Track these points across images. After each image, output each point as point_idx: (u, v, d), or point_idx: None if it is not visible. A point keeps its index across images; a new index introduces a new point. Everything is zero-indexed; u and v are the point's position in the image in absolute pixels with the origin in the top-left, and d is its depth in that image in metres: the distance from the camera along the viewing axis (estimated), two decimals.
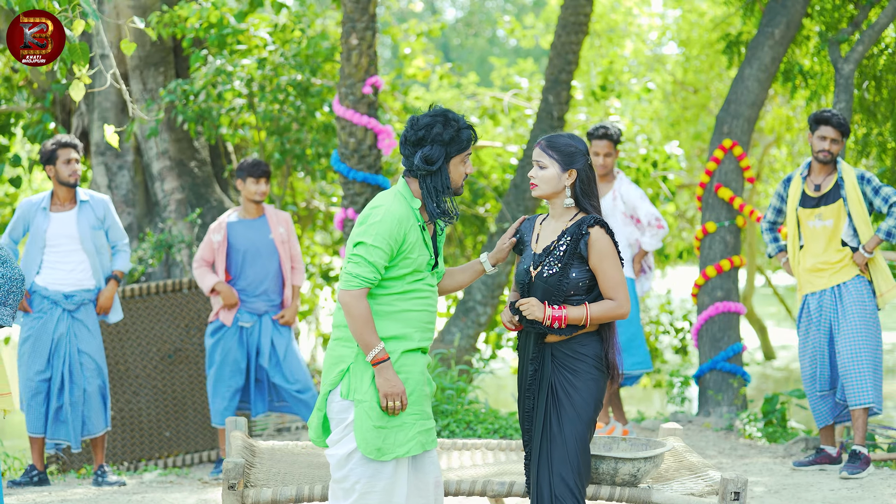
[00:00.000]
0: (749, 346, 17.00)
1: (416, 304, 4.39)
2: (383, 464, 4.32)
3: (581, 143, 4.51)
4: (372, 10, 9.00)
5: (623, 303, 4.41)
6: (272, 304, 7.82)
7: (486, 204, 12.54)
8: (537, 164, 4.51)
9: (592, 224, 4.42)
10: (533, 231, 4.61)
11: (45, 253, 7.32)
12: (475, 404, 8.63)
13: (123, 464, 8.56)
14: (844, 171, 7.13)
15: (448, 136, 4.36)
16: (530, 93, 13.20)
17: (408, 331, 4.38)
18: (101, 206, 7.46)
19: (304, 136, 10.20)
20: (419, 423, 4.36)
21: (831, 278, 7.13)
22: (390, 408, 4.30)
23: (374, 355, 4.30)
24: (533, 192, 4.53)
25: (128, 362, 8.64)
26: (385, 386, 4.29)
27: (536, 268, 4.48)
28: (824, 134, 7.12)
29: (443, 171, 4.38)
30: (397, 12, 20.81)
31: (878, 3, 9.30)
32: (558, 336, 4.45)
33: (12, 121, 11.46)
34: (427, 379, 4.46)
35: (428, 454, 4.44)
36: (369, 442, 4.30)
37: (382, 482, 4.32)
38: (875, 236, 7.03)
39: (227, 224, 7.78)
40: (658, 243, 8.07)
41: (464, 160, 4.43)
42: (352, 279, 4.31)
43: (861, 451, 6.93)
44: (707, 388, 9.37)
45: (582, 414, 4.41)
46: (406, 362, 4.37)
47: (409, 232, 4.35)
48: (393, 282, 4.37)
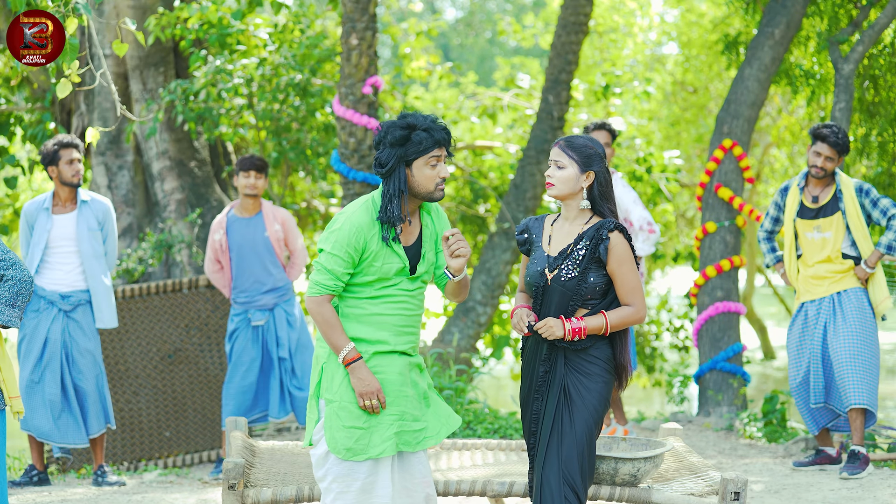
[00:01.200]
0: (749, 346, 17.00)
1: (388, 307, 4.35)
2: (358, 464, 4.30)
3: (599, 146, 4.51)
4: (372, 10, 9.00)
5: (640, 308, 4.42)
6: (280, 295, 7.85)
7: (486, 204, 12.54)
8: (555, 164, 4.49)
9: (612, 229, 4.41)
10: (543, 232, 4.58)
11: (45, 253, 7.31)
12: (475, 404, 8.64)
13: (123, 464, 8.56)
14: (843, 182, 7.10)
15: (393, 138, 4.27)
16: (531, 92, 13.20)
17: (381, 334, 4.34)
18: (101, 209, 7.43)
19: (304, 136, 10.20)
20: (397, 424, 4.33)
21: (831, 287, 7.12)
22: (367, 406, 4.29)
23: (343, 356, 4.29)
24: (549, 192, 4.51)
25: (128, 362, 8.64)
26: (359, 385, 4.28)
27: (553, 271, 4.47)
28: (819, 150, 7.09)
29: (398, 174, 4.29)
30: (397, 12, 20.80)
31: (878, 3, 9.30)
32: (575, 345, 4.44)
33: (12, 121, 11.45)
34: (410, 380, 4.41)
35: (415, 455, 4.42)
36: (339, 442, 4.30)
37: (358, 482, 4.30)
38: (876, 251, 7.01)
39: (225, 222, 7.81)
40: (650, 248, 8.03)
41: (430, 163, 4.31)
42: (313, 286, 4.34)
43: (860, 451, 6.92)
44: (707, 388, 9.37)
45: (593, 412, 4.42)
46: (380, 363, 4.34)
47: (369, 241, 4.29)
48: (361, 287, 4.35)
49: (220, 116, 9.83)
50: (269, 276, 7.81)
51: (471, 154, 12.95)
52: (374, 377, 4.29)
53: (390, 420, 4.33)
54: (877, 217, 7.07)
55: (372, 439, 4.30)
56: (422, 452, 4.46)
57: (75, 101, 10.64)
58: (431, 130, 4.31)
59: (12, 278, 4.92)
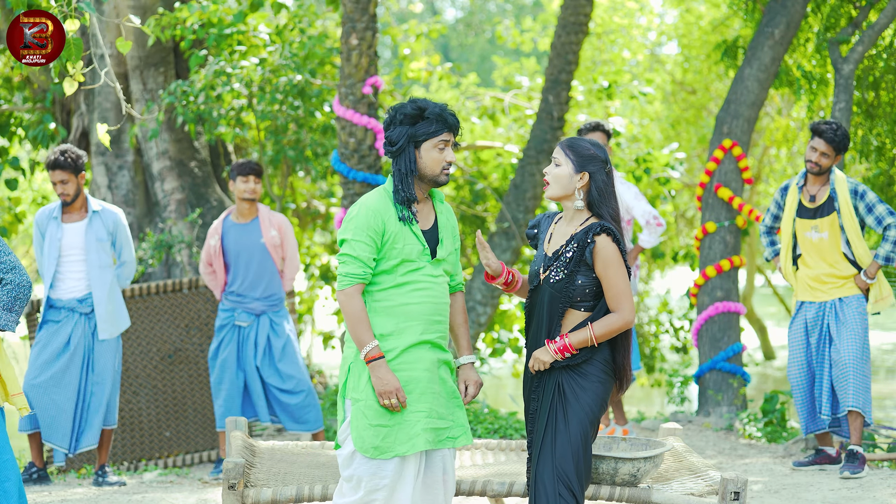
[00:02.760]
0: (749, 346, 17.01)
1: (415, 296, 4.37)
2: (385, 461, 4.31)
3: (602, 151, 4.50)
4: (372, 11, 9.00)
5: (626, 313, 4.39)
6: (270, 304, 7.82)
7: (486, 204, 12.54)
8: (554, 162, 4.51)
9: (599, 232, 4.40)
10: (548, 230, 4.60)
11: (59, 264, 7.31)
12: (475, 404, 8.64)
13: (123, 464, 8.56)
14: (837, 182, 7.09)
15: (404, 117, 4.35)
16: (531, 92, 13.20)
17: (409, 324, 4.35)
18: (111, 220, 7.40)
19: (304, 137, 10.20)
20: (425, 421, 4.33)
21: (832, 292, 7.13)
22: (388, 405, 4.29)
23: (366, 353, 4.31)
24: (546, 193, 4.52)
25: (128, 362, 8.63)
26: (378, 384, 4.29)
27: (545, 271, 4.48)
28: (815, 146, 7.09)
29: (408, 154, 4.37)
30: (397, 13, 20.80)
31: (878, 4, 9.30)
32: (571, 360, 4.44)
33: (12, 121, 11.45)
34: (439, 377, 4.41)
35: (439, 452, 4.42)
36: (365, 440, 4.30)
37: (387, 479, 4.31)
38: (874, 262, 7.03)
39: (221, 227, 7.80)
40: (656, 240, 8.05)
41: (438, 147, 4.38)
42: (342, 279, 4.35)
43: (858, 450, 6.94)
44: (707, 388, 9.37)
45: (588, 412, 4.41)
46: (408, 359, 4.36)
47: (387, 221, 4.35)
48: (386, 275, 4.37)
49: (220, 118, 9.83)
50: (262, 282, 7.79)
51: (471, 155, 12.95)
52: (393, 376, 4.30)
53: (417, 417, 4.33)
54: (871, 223, 7.05)
55: (398, 437, 4.31)
56: (447, 451, 4.45)
57: (75, 101, 10.64)
58: (444, 113, 4.38)
59: (12, 282, 4.91)
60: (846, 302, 7.09)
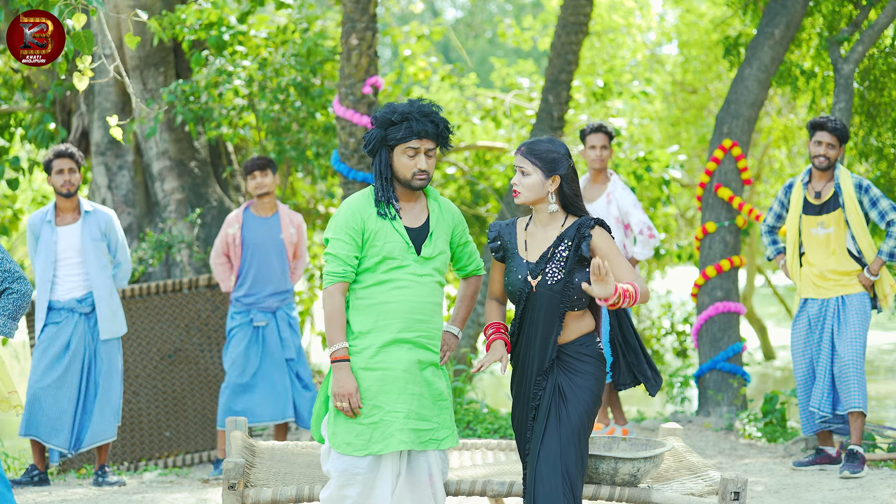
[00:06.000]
0: (749, 346, 17.00)
1: (395, 294, 4.37)
2: (358, 458, 4.35)
3: (562, 147, 4.46)
4: (372, 11, 9.00)
5: (642, 284, 4.41)
6: (282, 299, 7.86)
7: (487, 204, 12.54)
8: (520, 171, 4.45)
9: (593, 225, 4.41)
10: (517, 237, 4.52)
11: (56, 267, 7.30)
12: (475, 404, 8.64)
13: (123, 464, 8.56)
14: (842, 177, 7.11)
15: (376, 117, 4.40)
16: (531, 93, 13.20)
17: (387, 322, 4.36)
18: (104, 220, 7.40)
19: (304, 137, 10.20)
20: (402, 422, 4.34)
21: (836, 289, 7.14)
22: (340, 408, 4.33)
23: (332, 352, 4.36)
24: (516, 200, 4.48)
25: (128, 362, 8.63)
26: (335, 385, 4.34)
27: (536, 277, 4.43)
28: (820, 139, 7.11)
29: (381, 156, 4.42)
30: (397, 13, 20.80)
31: (878, 4, 9.30)
32: (568, 337, 4.45)
33: (12, 122, 11.45)
34: (423, 379, 4.41)
35: (423, 454, 4.43)
36: (338, 436, 4.36)
37: (360, 476, 4.35)
38: (878, 259, 7.04)
39: (242, 218, 7.81)
40: (649, 253, 8.01)
41: (407, 153, 4.39)
42: (325, 277, 4.42)
43: (858, 450, 6.94)
44: (707, 388, 9.37)
45: (586, 409, 4.43)
46: (384, 358, 4.37)
47: (366, 219, 4.39)
48: (368, 273, 4.39)
49: (221, 118, 9.83)
50: (275, 277, 7.81)
51: (472, 155, 12.96)
52: (353, 380, 4.33)
53: (394, 417, 4.34)
54: (874, 218, 7.07)
55: (373, 435, 4.33)
56: (433, 452, 4.45)
57: (75, 101, 10.64)
58: (411, 120, 4.35)
59: (17, 291, 5.03)
60: (849, 300, 7.10)
